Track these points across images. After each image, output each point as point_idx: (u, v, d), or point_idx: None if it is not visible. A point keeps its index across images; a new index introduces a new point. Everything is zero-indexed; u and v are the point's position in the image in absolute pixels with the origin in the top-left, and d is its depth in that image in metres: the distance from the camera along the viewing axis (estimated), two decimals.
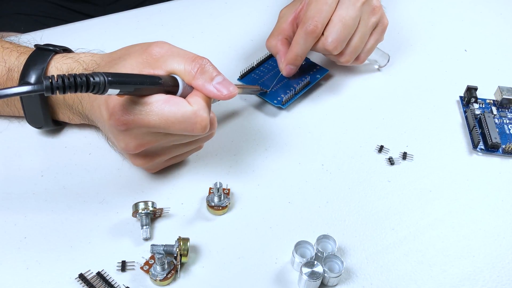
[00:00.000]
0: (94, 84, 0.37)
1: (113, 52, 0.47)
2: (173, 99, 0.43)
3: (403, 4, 0.76)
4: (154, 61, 0.44)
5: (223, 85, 0.45)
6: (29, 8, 0.81)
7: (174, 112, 0.42)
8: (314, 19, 0.54)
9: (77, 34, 0.66)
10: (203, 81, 0.44)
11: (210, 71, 0.44)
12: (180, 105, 0.42)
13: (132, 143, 0.44)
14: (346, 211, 0.50)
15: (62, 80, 0.35)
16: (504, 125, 0.58)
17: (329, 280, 0.43)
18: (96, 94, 0.38)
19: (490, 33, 0.72)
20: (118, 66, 0.44)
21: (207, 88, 0.44)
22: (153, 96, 0.42)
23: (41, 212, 0.47)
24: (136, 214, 0.46)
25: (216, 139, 0.55)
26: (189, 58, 0.44)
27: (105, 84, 0.37)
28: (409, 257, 0.46)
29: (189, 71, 0.44)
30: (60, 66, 0.48)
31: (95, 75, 0.37)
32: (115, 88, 0.39)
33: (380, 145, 0.56)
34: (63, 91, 0.36)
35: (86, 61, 0.48)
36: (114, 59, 0.46)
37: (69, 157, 0.52)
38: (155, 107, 0.42)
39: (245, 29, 0.69)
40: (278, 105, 0.57)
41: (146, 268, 0.43)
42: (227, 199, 0.48)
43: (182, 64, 0.44)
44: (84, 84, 0.36)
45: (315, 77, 0.60)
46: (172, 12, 0.71)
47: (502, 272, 0.46)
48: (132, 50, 0.45)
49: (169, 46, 0.45)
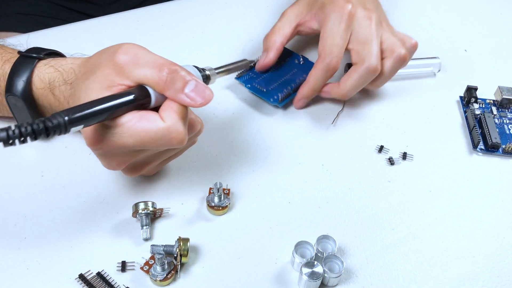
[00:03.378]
0: (54, 128, 0.36)
1: (90, 58, 0.45)
2: (145, 116, 0.40)
3: (403, 4, 0.76)
4: (121, 71, 0.41)
5: (196, 92, 0.42)
6: (29, 8, 0.81)
7: (147, 131, 0.40)
8: (333, 55, 0.55)
9: (77, 34, 0.66)
10: (174, 91, 0.41)
11: (181, 78, 0.41)
12: (153, 122, 0.40)
13: (114, 162, 0.43)
14: (346, 211, 0.50)
15: (19, 130, 0.34)
16: (504, 125, 0.58)
17: (329, 280, 0.43)
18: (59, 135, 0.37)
19: (490, 33, 0.72)
20: (89, 81, 0.42)
21: (179, 98, 0.41)
22: (124, 116, 0.40)
23: (41, 212, 0.47)
24: (136, 214, 0.46)
25: (216, 139, 0.55)
26: (157, 67, 0.41)
27: (65, 125, 0.36)
28: (409, 257, 0.46)
29: (158, 81, 0.41)
30: (43, 76, 0.46)
31: (53, 118, 0.36)
32: (77, 126, 0.37)
33: (380, 145, 0.56)
34: (21, 142, 0.35)
35: (66, 69, 0.46)
36: (87, 70, 0.44)
37: (69, 157, 0.52)
38: (127, 129, 0.40)
39: (245, 29, 0.69)
40: (275, 103, 0.57)
41: (146, 268, 0.43)
42: (227, 199, 0.48)
43: (150, 74, 0.41)
44: (42, 131, 0.35)
45: (302, 74, 0.60)
46: (172, 12, 0.71)
47: (502, 272, 0.46)
48: (101, 59, 0.43)
49: (135, 51, 0.42)
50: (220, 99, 0.59)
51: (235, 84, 0.61)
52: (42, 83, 0.47)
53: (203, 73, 0.48)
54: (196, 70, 0.47)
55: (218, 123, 0.57)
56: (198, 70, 0.47)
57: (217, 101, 0.59)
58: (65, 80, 0.46)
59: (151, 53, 0.42)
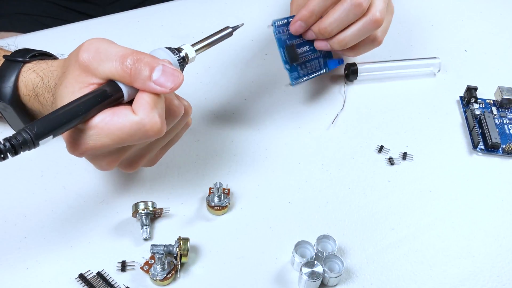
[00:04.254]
0: (22, 145, 0.35)
1: (65, 60, 0.44)
2: (117, 113, 0.39)
3: (403, 4, 0.76)
4: (87, 69, 0.40)
5: (165, 76, 0.39)
6: (29, 8, 0.81)
7: (120, 128, 0.39)
8: None
9: (77, 34, 0.66)
10: (142, 81, 0.39)
11: (145, 66, 0.39)
12: (125, 117, 0.39)
13: (103, 162, 0.42)
14: (346, 211, 0.50)
15: None
16: (504, 125, 0.58)
17: (329, 280, 0.43)
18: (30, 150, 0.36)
19: (490, 33, 0.72)
20: (62, 86, 0.41)
21: (148, 87, 0.39)
22: (97, 116, 0.39)
23: (41, 212, 0.47)
24: (136, 214, 0.46)
25: (216, 139, 0.55)
26: (120, 58, 0.39)
27: (33, 141, 0.36)
28: (409, 257, 0.46)
29: (123, 74, 0.39)
30: (27, 83, 0.45)
31: (18, 134, 0.35)
32: (46, 137, 0.37)
33: (380, 145, 0.56)
34: None
35: (46, 73, 0.45)
36: (62, 73, 0.42)
37: (69, 157, 0.51)
38: (101, 129, 0.39)
39: (245, 29, 0.69)
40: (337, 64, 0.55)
41: (146, 268, 0.43)
42: (227, 199, 0.48)
43: (114, 67, 0.39)
44: (10, 150, 0.35)
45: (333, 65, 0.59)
46: (172, 12, 0.71)
47: (502, 272, 0.46)
48: (69, 62, 0.41)
49: (96, 45, 0.40)
50: (220, 99, 0.59)
51: (236, 84, 0.61)
52: (27, 90, 0.46)
53: (177, 54, 0.44)
54: (169, 52, 0.43)
55: (218, 123, 0.57)
56: (171, 52, 0.44)
57: (217, 101, 0.59)
58: (46, 86, 0.44)
59: (113, 45, 0.41)
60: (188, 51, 0.45)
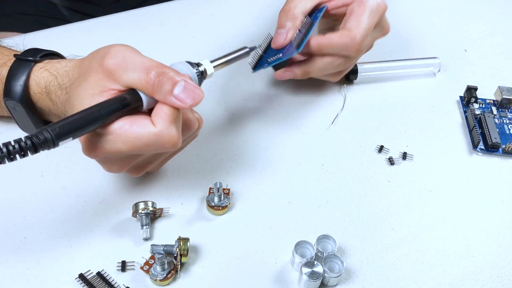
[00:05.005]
0: (42, 144, 0.36)
1: (83, 61, 0.45)
2: (136, 122, 0.40)
3: (403, 4, 0.76)
4: (111, 76, 0.41)
5: (186, 93, 0.41)
6: (29, 8, 0.81)
7: (139, 137, 0.40)
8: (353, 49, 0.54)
9: (77, 34, 0.66)
10: (163, 95, 0.41)
11: (168, 80, 0.41)
12: (144, 128, 0.40)
13: (114, 166, 0.44)
14: (346, 211, 0.50)
15: (7, 148, 0.35)
16: (504, 125, 0.58)
17: (329, 280, 0.43)
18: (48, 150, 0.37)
19: (490, 33, 0.72)
20: (82, 87, 0.42)
21: (168, 100, 0.41)
22: (116, 123, 0.40)
23: (41, 212, 0.47)
24: (136, 214, 0.46)
25: (216, 139, 0.55)
26: (145, 70, 0.41)
27: (53, 140, 0.36)
28: (409, 257, 0.46)
29: (146, 85, 0.41)
30: (39, 81, 0.46)
31: (40, 134, 0.36)
32: (66, 139, 0.37)
33: (380, 145, 0.56)
34: (10, 159, 0.35)
35: (61, 73, 0.46)
36: (80, 75, 0.43)
37: (69, 157, 0.52)
38: (119, 135, 0.40)
39: (245, 29, 0.69)
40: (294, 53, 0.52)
41: (146, 268, 0.43)
42: (227, 199, 0.48)
43: (138, 77, 0.41)
44: (30, 149, 0.36)
45: (316, 16, 0.56)
46: (172, 12, 0.71)
47: (502, 272, 0.46)
48: (91, 63, 0.42)
49: (123, 54, 0.41)
50: (220, 99, 0.59)
51: (236, 84, 0.61)
52: (39, 88, 0.46)
53: (197, 69, 0.45)
54: (189, 66, 0.45)
55: (218, 123, 0.57)
56: (191, 66, 0.45)
57: (217, 101, 0.59)
58: (60, 84, 0.45)
59: (139, 55, 0.42)
60: (207, 67, 0.46)
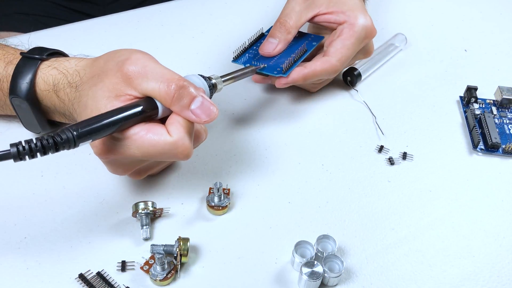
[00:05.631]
0: (63, 144, 0.37)
1: (95, 61, 0.45)
2: (152, 130, 0.41)
3: (403, 4, 0.76)
4: (129, 82, 0.42)
5: (202, 109, 0.42)
6: (29, 8, 0.81)
7: (154, 144, 0.41)
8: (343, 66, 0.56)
9: (77, 34, 0.66)
10: (181, 107, 0.42)
11: (188, 95, 0.42)
12: (160, 136, 0.41)
13: (120, 169, 0.45)
14: (346, 211, 0.50)
15: (29, 146, 0.36)
16: (504, 125, 0.58)
17: (329, 280, 0.43)
18: (68, 150, 0.38)
19: (490, 33, 0.72)
20: (96, 88, 0.42)
21: (185, 114, 0.42)
22: (132, 128, 0.41)
23: (41, 212, 0.47)
24: (136, 214, 0.46)
25: (216, 139, 0.55)
26: (165, 81, 0.42)
27: (74, 140, 0.37)
28: (409, 257, 0.46)
29: (165, 96, 0.42)
30: (46, 78, 0.47)
31: (62, 133, 0.37)
32: (86, 140, 0.38)
33: (380, 145, 0.56)
34: (31, 157, 0.36)
35: (70, 71, 0.46)
36: (93, 75, 0.44)
37: (69, 157, 0.52)
38: (134, 141, 0.41)
39: (245, 29, 0.69)
40: (279, 74, 0.55)
41: (146, 268, 0.43)
42: (227, 199, 0.48)
43: (158, 87, 0.42)
44: (52, 147, 0.37)
45: (311, 45, 0.58)
46: (172, 12, 0.71)
47: (502, 272, 0.46)
48: (109, 65, 0.43)
49: (144, 62, 0.42)
50: (220, 100, 0.59)
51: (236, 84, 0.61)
52: (46, 85, 0.47)
53: (209, 82, 0.47)
54: (202, 79, 0.46)
55: (218, 123, 0.57)
56: (204, 79, 0.47)
57: (217, 101, 0.59)
58: (70, 82, 0.46)
59: (159, 65, 0.43)
60: (217, 81, 0.49)
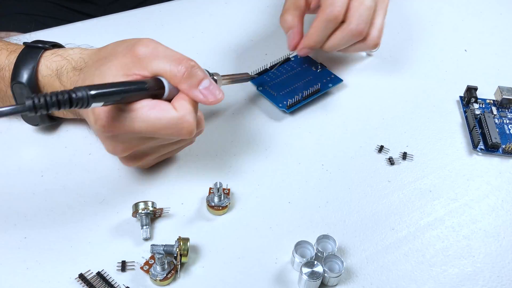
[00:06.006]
0: (77, 101, 0.37)
1: (102, 49, 0.47)
2: (158, 105, 0.42)
3: (403, 4, 0.76)
4: (139, 62, 0.43)
5: (210, 90, 0.44)
6: (29, 8, 0.81)
7: (159, 118, 0.41)
8: (336, 5, 0.53)
9: (77, 34, 0.66)
10: (189, 86, 0.43)
11: (197, 75, 0.43)
12: (166, 111, 0.42)
13: (119, 147, 0.44)
14: (346, 211, 0.50)
15: (45, 99, 0.36)
16: (504, 125, 0.58)
17: (329, 280, 0.43)
18: (80, 108, 0.38)
19: (490, 33, 0.72)
20: (105, 67, 0.43)
21: (193, 93, 0.43)
22: (139, 102, 0.42)
23: (41, 212, 0.47)
24: (136, 214, 0.46)
25: (216, 139, 0.55)
26: (175, 60, 0.43)
27: (88, 99, 0.38)
28: (409, 257, 0.46)
29: (175, 74, 0.43)
30: (50, 64, 0.48)
31: (77, 90, 0.38)
32: (99, 102, 0.39)
33: (380, 145, 0.56)
34: (46, 110, 0.36)
35: (75, 58, 0.47)
36: (100, 58, 0.45)
37: (69, 157, 0.52)
38: (141, 114, 0.41)
39: (245, 29, 0.69)
40: (283, 108, 0.57)
41: (146, 268, 0.43)
42: (227, 199, 0.48)
43: (168, 66, 0.43)
44: (66, 102, 0.37)
45: (326, 86, 0.59)
46: (172, 12, 0.71)
47: (502, 272, 0.46)
48: (118, 49, 0.44)
49: (155, 45, 0.44)
50: None
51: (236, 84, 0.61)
52: (48, 71, 0.48)
53: (212, 77, 0.50)
54: (207, 73, 0.48)
55: (218, 123, 0.57)
56: (208, 74, 0.48)
57: None
58: (74, 67, 0.47)
59: (169, 48, 0.44)
60: (217, 78, 0.52)
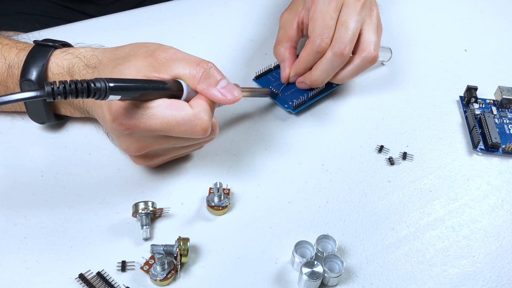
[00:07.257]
0: (95, 91, 0.38)
1: (117, 49, 0.47)
2: (175, 103, 0.43)
3: (403, 4, 0.76)
4: (159, 66, 0.44)
5: (228, 89, 0.45)
6: (29, 8, 0.81)
7: (175, 115, 0.42)
8: (323, 36, 0.54)
9: (77, 34, 0.66)
10: (207, 85, 0.44)
11: (215, 75, 0.45)
12: (181, 108, 0.43)
13: (134, 145, 0.45)
14: (346, 211, 0.50)
15: (64, 86, 0.36)
16: (504, 125, 0.58)
17: (329, 280, 0.43)
18: (97, 99, 0.38)
19: (490, 33, 0.72)
20: (123, 67, 0.44)
21: (211, 92, 0.45)
22: (156, 100, 0.43)
23: (41, 212, 0.47)
24: (136, 214, 0.46)
25: (216, 139, 0.55)
26: (194, 63, 0.44)
27: (106, 90, 0.38)
28: (409, 257, 0.46)
29: (194, 75, 0.44)
30: (60, 62, 0.48)
31: (96, 81, 0.38)
32: (116, 95, 0.39)
33: (380, 145, 0.56)
34: (64, 97, 0.36)
35: (87, 56, 0.48)
36: (117, 57, 0.46)
37: (69, 157, 0.52)
38: (157, 112, 0.42)
39: (245, 29, 0.69)
40: (289, 109, 0.57)
41: (146, 268, 0.43)
42: (227, 199, 0.48)
43: (187, 69, 0.44)
44: (85, 91, 0.37)
45: (330, 86, 0.59)
46: (172, 12, 0.71)
47: (502, 272, 0.46)
48: (138, 51, 0.45)
49: (174, 50, 0.45)
50: None
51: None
52: (59, 69, 0.48)
53: None
54: None
55: (218, 123, 0.57)
56: None
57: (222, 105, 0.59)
58: (87, 64, 0.47)
59: (188, 53, 0.46)
60: None
